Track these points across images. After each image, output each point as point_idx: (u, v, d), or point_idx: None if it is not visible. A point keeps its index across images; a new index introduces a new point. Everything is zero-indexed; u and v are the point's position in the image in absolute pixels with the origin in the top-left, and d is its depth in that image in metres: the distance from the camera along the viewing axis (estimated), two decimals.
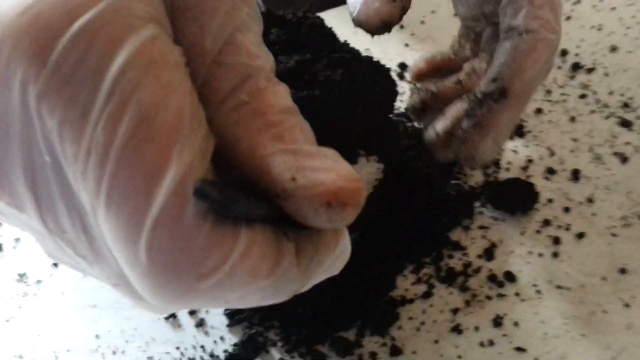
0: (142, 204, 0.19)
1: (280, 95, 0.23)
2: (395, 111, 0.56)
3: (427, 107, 0.48)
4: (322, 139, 0.40)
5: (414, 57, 0.62)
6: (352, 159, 0.39)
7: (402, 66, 0.60)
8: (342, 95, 0.41)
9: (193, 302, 0.21)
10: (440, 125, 0.45)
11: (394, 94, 0.44)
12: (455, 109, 0.45)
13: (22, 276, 0.51)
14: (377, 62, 0.43)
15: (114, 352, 0.42)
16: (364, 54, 0.42)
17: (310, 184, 0.21)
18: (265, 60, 0.23)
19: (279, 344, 0.41)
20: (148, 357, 0.43)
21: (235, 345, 0.41)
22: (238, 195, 0.21)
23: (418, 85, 0.50)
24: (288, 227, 0.23)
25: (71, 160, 0.20)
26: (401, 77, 0.60)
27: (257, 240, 0.21)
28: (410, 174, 0.49)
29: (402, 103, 0.57)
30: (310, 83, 0.41)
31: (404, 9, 0.41)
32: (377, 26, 0.41)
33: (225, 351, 0.41)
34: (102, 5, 0.20)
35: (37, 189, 0.21)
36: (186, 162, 0.19)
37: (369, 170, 0.40)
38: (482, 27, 0.47)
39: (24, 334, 0.42)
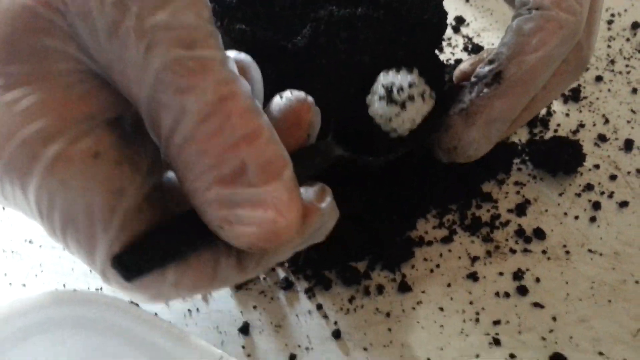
0: (92, 264, 0.25)
1: (225, 127, 0.23)
2: (447, 61, 0.54)
3: None
4: (362, 62, 0.39)
5: (474, 14, 0.59)
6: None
7: (459, 19, 0.58)
8: (386, 18, 0.39)
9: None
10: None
11: (444, 25, 0.42)
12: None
13: None
14: None
15: None
16: None
17: (232, 235, 0.24)
18: (200, 87, 0.23)
19: (286, 264, 0.40)
20: None
21: None
22: (165, 245, 0.24)
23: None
24: None
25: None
26: (456, 30, 0.57)
27: (190, 269, 0.25)
28: None
29: (452, 55, 0.55)
30: (354, 2, 0.40)
31: None
32: None
33: None
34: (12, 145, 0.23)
35: None
36: (109, 240, 0.24)
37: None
38: None
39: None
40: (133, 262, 0.23)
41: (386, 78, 0.36)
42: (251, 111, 0.23)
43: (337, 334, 0.37)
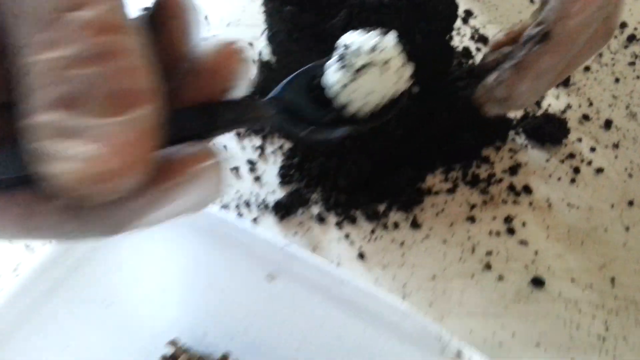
0: None
1: (69, 40, 0.18)
2: (456, 47, 0.63)
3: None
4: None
5: (480, 8, 0.68)
6: None
7: (468, 12, 0.67)
8: (408, 6, 0.48)
9: None
10: (491, 77, 0.46)
11: (454, 15, 0.51)
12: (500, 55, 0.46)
13: None
14: None
15: None
16: None
17: (53, 170, 0.18)
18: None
19: (320, 203, 0.49)
20: None
21: (283, 196, 0.49)
22: None
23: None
24: None
25: None
26: (465, 21, 0.66)
27: None
28: (457, 99, 0.56)
29: (460, 43, 0.64)
30: None
31: None
32: None
33: (274, 201, 0.49)
34: None
35: None
36: None
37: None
38: None
39: None
40: None
41: (349, 37, 0.28)
42: (112, 30, 0.19)
43: (361, 256, 0.46)
